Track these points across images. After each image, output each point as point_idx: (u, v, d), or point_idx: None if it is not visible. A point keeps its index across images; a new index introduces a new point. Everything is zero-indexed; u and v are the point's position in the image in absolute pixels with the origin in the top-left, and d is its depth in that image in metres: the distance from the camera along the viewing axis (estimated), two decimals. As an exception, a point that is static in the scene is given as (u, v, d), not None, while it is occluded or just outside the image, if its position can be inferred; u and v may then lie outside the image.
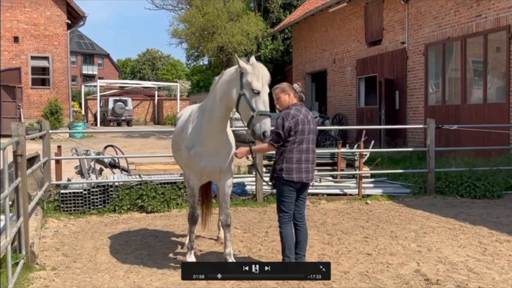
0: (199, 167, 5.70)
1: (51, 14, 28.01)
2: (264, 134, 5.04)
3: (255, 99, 5.08)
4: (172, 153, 6.71)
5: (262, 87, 5.09)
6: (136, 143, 22.62)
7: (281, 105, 5.56)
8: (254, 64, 5.24)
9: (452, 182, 10.32)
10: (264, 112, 5.05)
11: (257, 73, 5.11)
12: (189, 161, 5.78)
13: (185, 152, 5.78)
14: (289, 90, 5.55)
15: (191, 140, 5.71)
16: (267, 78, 5.18)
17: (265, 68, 5.26)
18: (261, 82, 5.10)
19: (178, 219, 8.48)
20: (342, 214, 8.84)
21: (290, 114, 5.37)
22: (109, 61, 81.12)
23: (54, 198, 8.86)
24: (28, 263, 5.80)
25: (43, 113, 26.70)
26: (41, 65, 28.38)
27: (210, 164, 5.67)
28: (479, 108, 14.22)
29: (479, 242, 6.87)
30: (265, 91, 5.13)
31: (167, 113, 44.39)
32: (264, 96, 5.10)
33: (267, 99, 5.13)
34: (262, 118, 5.03)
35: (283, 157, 5.39)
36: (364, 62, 20.56)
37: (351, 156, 10.80)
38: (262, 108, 5.06)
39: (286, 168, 5.37)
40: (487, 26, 13.85)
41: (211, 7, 26.53)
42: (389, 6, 18.72)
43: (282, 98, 5.53)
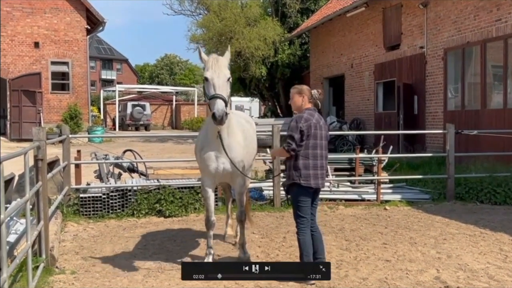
0: (209, 168, 5.84)
1: (71, 19, 28.40)
2: (214, 115, 5.21)
3: (207, 86, 5.43)
4: (195, 156, 6.86)
5: (211, 74, 5.40)
6: (154, 148, 22.75)
7: (293, 106, 5.62)
8: (211, 54, 5.66)
9: (472, 188, 10.20)
10: (212, 96, 5.31)
11: (208, 63, 5.48)
12: (201, 162, 5.97)
13: (198, 154, 6.04)
14: (305, 93, 5.56)
15: (201, 142, 5.98)
16: (220, 64, 5.48)
17: (219, 57, 5.59)
18: (211, 69, 5.42)
19: (195, 223, 8.50)
20: (360, 220, 8.79)
21: (303, 118, 5.40)
22: (127, 66, 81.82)
23: (74, 202, 8.94)
24: (48, 266, 5.85)
25: (63, 117, 27.02)
26: (61, 70, 28.76)
27: (220, 166, 5.80)
28: (499, 113, 14.04)
29: (500, 249, 6.77)
30: (217, 77, 5.39)
31: (184, 118, 44.60)
32: (214, 81, 5.38)
33: (218, 83, 5.37)
34: (212, 101, 5.29)
35: (299, 163, 5.38)
36: (382, 66, 20.44)
37: (369, 162, 10.74)
38: (212, 92, 5.34)
39: (304, 174, 5.37)
40: (507, 30, 13.69)
41: (228, 12, 26.60)
42: (408, 11, 18.60)
43: (295, 98, 5.57)
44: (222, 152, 5.70)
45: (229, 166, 5.80)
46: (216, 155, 5.76)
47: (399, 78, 18.90)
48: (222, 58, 5.57)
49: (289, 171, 5.47)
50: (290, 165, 5.45)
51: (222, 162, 5.78)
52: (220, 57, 5.58)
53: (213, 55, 5.62)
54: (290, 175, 5.47)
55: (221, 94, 5.28)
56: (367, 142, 20.60)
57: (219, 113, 5.15)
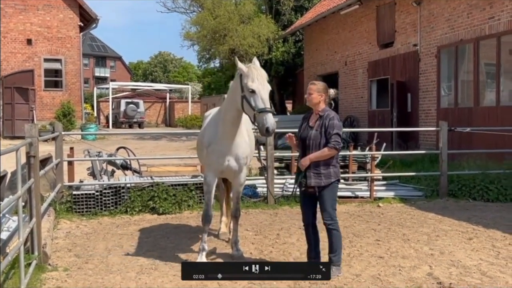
0: (216, 164, 5.99)
1: (64, 16, 28.23)
2: (267, 130, 5.20)
3: (253, 98, 5.34)
4: (197, 152, 7.10)
5: (257, 85, 5.35)
6: (148, 145, 22.71)
7: (310, 102, 5.55)
8: (250, 65, 5.57)
9: (464, 185, 10.24)
10: (263, 109, 5.26)
11: (251, 73, 5.42)
12: (207, 158, 6.11)
13: (204, 149, 6.14)
14: (324, 92, 5.54)
15: (208, 138, 6.08)
16: (263, 76, 5.46)
17: (260, 68, 5.56)
18: (257, 81, 5.37)
19: (189, 220, 8.49)
20: (354, 216, 8.81)
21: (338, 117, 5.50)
22: (121, 63, 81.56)
23: (67, 199, 8.91)
24: (41, 264, 5.83)
25: (56, 115, 26.91)
26: (54, 67, 28.60)
27: (226, 163, 5.95)
28: (492, 111, 14.10)
29: (492, 246, 6.81)
30: (262, 89, 5.36)
31: (178, 115, 44.54)
32: (262, 94, 5.34)
33: (265, 96, 5.36)
34: (263, 115, 5.24)
35: (335, 161, 5.47)
36: (376, 64, 20.49)
37: (363, 159, 10.76)
38: (261, 106, 5.29)
39: (338, 171, 5.54)
40: (500, 28, 13.74)
41: (222, 10, 26.57)
42: (401, 9, 18.64)
43: (314, 96, 5.50)
44: (229, 149, 5.88)
45: (235, 164, 5.97)
46: (223, 152, 5.91)
47: (392, 75, 18.95)
48: (263, 70, 5.56)
49: (327, 169, 5.39)
50: (329, 163, 5.40)
51: (228, 159, 5.93)
52: (261, 68, 5.56)
53: (253, 65, 5.56)
54: (329, 173, 5.40)
55: (270, 108, 5.32)
56: (361, 139, 20.63)
57: (272, 127, 5.20)
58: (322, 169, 5.38)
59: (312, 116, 5.58)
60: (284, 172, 10.83)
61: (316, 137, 5.39)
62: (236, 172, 6.09)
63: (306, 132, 5.51)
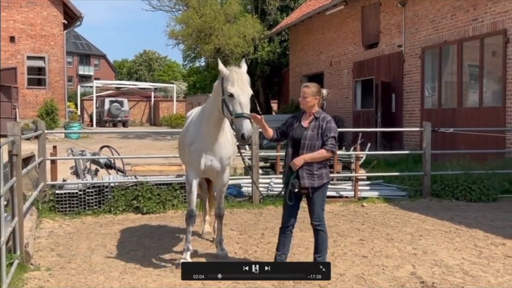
0: (197, 163, 5.93)
1: (48, 14, 27.97)
2: (243, 136, 5.14)
3: (231, 102, 5.28)
4: (178, 151, 7.06)
5: (236, 90, 5.27)
6: (132, 144, 22.57)
7: (305, 105, 5.46)
8: (232, 68, 5.48)
9: (447, 185, 10.33)
10: (239, 114, 5.20)
11: (231, 77, 5.34)
12: (189, 157, 6.07)
13: (186, 148, 6.10)
14: (318, 95, 5.47)
15: (191, 137, 6.05)
16: (244, 80, 5.36)
17: (242, 72, 5.44)
18: (236, 85, 5.29)
19: (173, 220, 8.46)
20: (338, 216, 8.84)
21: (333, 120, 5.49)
22: (105, 62, 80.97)
23: (49, 199, 8.82)
24: (23, 263, 5.76)
25: (39, 113, 26.65)
26: (37, 65, 28.33)
27: (208, 162, 5.91)
28: (475, 112, 14.25)
29: (475, 245, 6.88)
30: (242, 94, 5.28)
31: (163, 115, 44.35)
32: (240, 99, 5.26)
33: (244, 101, 5.27)
34: (239, 120, 5.18)
35: (326, 161, 5.47)
36: (360, 65, 20.58)
37: (347, 159, 10.80)
38: (239, 111, 5.22)
39: (329, 172, 5.54)
40: (483, 30, 13.89)
41: (208, 9, 26.50)
42: (386, 10, 18.75)
43: (309, 98, 5.42)
44: (211, 149, 5.85)
45: (217, 164, 5.94)
46: (205, 151, 5.87)
47: (377, 76, 19.06)
48: (245, 74, 5.45)
49: (319, 170, 5.36)
50: (322, 164, 5.39)
51: (210, 159, 5.90)
52: (243, 72, 5.45)
53: (235, 69, 5.47)
54: (322, 174, 5.38)
55: (248, 113, 5.22)
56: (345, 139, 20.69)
57: (248, 134, 5.13)
58: (316, 169, 5.34)
59: (304, 116, 5.51)
60: (269, 172, 10.83)
61: (313, 138, 5.32)
62: (219, 173, 6.06)
63: (299, 132, 5.40)
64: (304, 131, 5.39)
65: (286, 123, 5.60)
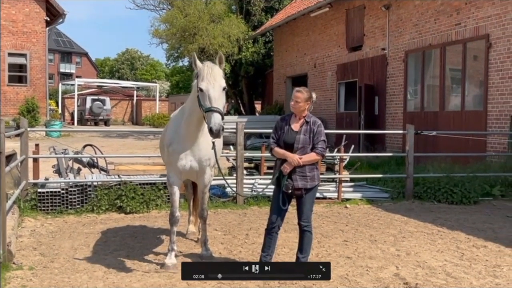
0: (177, 164, 5.85)
1: (30, 10, 27.60)
2: (211, 130, 5.11)
3: (202, 97, 5.28)
4: (160, 151, 6.98)
5: (206, 84, 5.26)
6: (114, 143, 22.39)
7: (296, 109, 5.47)
8: (204, 63, 5.49)
9: (430, 187, 10.43)
10: (208, 108, 5.18)
11: (202, 72, 5.35)
12: (168, 158, 6.00)
13: (165, 148, 6.04)
14: (310, 100, 5.51)
15: (169, 137, 5.96)
16: (215, 74, 5.32)
17: (214, 66, 5.42)
18: (206, 79, 5.28)
19: (157, 220, 8.41)
20: (322, 217, 8.88)
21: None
22: (87, 60, 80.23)
23: (31, 197, 8.71)
24: (5, 262, 5.69)
25: (20, 110, 26.30)
26: (19, 62, 27.93)
27: (188, 163, 5.84)
28: (457, 115, 14.42)
29: (457, 247, 6.96)
30: (212, 88, 5.25)
31: (145, 114, 44.14)
32: (210, 93, 5.23)
33: (214, 95, 5.23)
34: (208, 115, 5.17)
35: (317, 164, 5.54)
36: (344, 67, 20.70)
37: (331, 160, 10.86)
38: (208, 105, 5.20)
39: (319, 174, 5.63)
40: (466, 34, 14.06)
41: (192, 9, 26.39)
42: (370, 12, 18.88)
43: (302, 103, 5.43)
44: (191, 150, 5.77)
45: (196, 164, 5.86)
46: (184, 152, 5.79)
47: (361, 79, 19.17)
48: (217, 67, 5.41)
49: (312, 172, 5.43)
50: (313, 166, 5.46)
51: (189, 160, 5.83)
52: (215, 66, 5.42)
53: (208, 63, 5.45)
54: (314, 176, 5.44)
55: (217, 107, 5.17)
56: (329, 141, 20.79)
57: (216, 128, 5.07)
58: (308, 171, 5.39)
59: (294, 119, 5.52)
60: (253, 173, 10.84)
61: (305, 142, 5.37)
62: (199, 174, 5.99)
63: (291, 136, 5.42)
64: (295, 135, 5.42)
65: (277, 128, 5.58)
